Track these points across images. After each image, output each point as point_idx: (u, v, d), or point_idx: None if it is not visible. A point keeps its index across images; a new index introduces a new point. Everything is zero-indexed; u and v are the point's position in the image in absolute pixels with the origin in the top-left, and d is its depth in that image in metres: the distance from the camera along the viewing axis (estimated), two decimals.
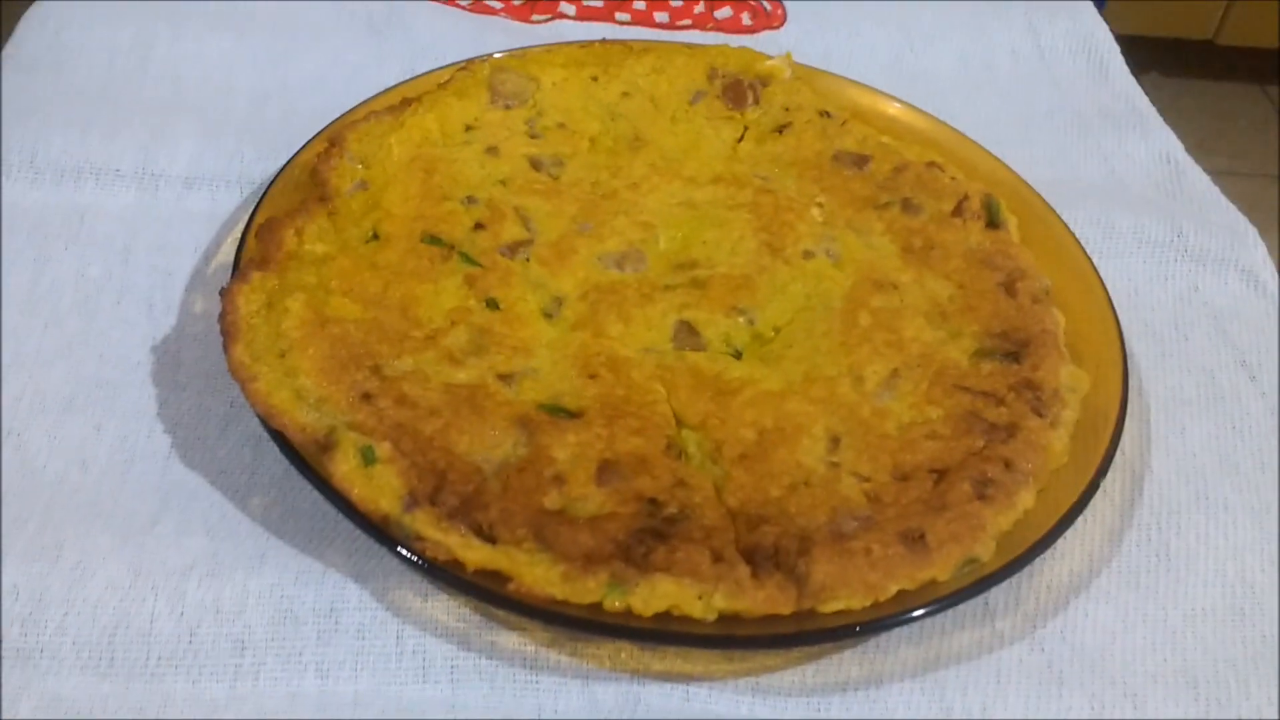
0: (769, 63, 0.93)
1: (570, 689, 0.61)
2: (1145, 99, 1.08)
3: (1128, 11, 2.35)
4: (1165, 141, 1.02)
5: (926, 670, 0.63)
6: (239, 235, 0.76)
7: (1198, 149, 1.02)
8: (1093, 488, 0.67)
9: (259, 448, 0.69)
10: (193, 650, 0.60)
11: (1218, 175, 0.99)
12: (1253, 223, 0.94)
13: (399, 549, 0.59)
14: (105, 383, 0.72)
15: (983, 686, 0.63)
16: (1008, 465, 0.66)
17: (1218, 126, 2.69)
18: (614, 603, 0.58)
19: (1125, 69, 1.11)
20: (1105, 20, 1.17)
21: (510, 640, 0.62)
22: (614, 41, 0.94)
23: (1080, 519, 0.66)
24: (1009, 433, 0.68)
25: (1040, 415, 0.69)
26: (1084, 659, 0.65)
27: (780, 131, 0.90)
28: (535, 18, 1.08)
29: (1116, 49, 1.13)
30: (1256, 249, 0.91)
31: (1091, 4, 1.18)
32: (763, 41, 1.09)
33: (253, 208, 0.77)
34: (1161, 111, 1.06)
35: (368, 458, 0.62)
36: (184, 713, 0.58)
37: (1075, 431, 0.70)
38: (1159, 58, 2.63)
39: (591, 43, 0.94)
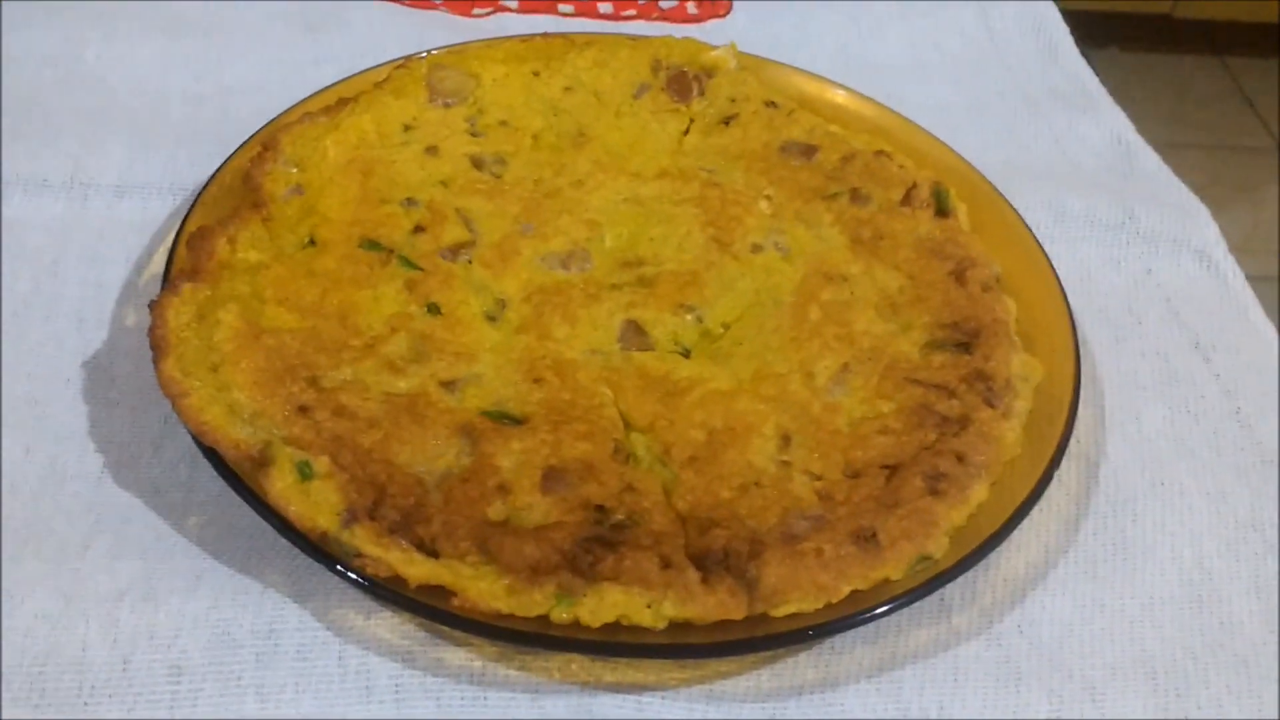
0: (714, 53, 0.92)
1: (520, 704, 0.59)
2: (1095, 80, 1.07)
3: None
4: (1116, 122, 1.01)
5: (883, 670, 0.62)
6: (171, 244, 0.73)
7: (1158, 122, 1.02)
8: (1046, 479, 0.66)
9: (195, 464, 0.67)
10: (127, 679, 0.58)
11: (1178, 148, 0.99)
12: (1213, 195, 0.94)
13: (338, 567, 0.58)
14: (34, 401, 0.70)
15: (940, 685, 0.62)
16: (960, 459, 0.65)
17: (1177, 99, 2.71)
18: (561, 614, 0.57)
19: (1075, 50, 1.10)
20: None
21: (457, 656, 0.60)
22: (555, 35, 0.92)
23: (1036, 509, 0.66)
24: (961, 425, 0.67)
25: (992, 406, 0.68)
26: (1042, 653, 0.64)
27: (726, 123, 0.89)
28: (476, 11, 1.06)
29: (1066, 30, 1.12)
30: (1209, 229, 0.91)
31: None
32: (709, 31, 1.08)
33: (183, 215, 0.75)
34: (1121, 86, 1.06)
35: (305, 473, 0.60)
36: None
37: (1029, 421, 0.69)
38: (1117, 32, 2.64)
39: (533, 37, 0.92)
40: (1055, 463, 0.66)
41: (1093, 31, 1.13)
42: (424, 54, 0.89)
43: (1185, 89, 2.77)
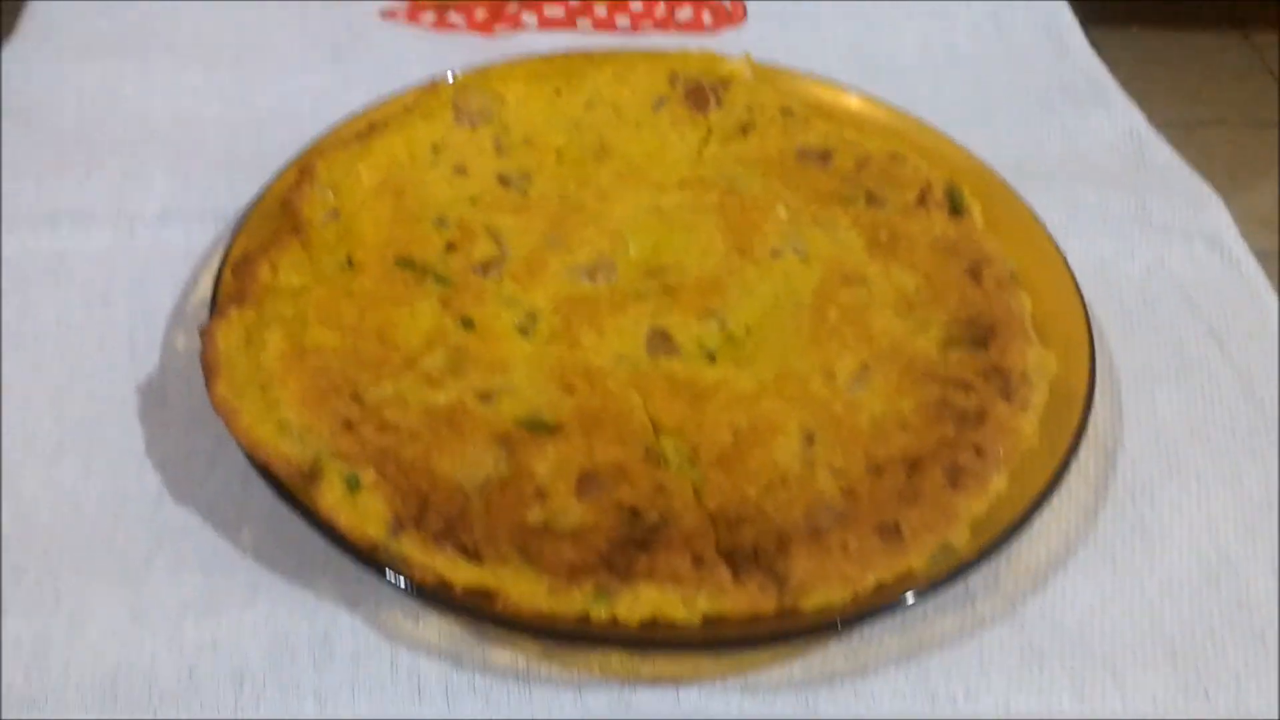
0: (729, 65, 0.94)
1: (563, 699, 0.62)
2: (1107, 74, 1.09)
3: None
4: (1128, 115, 1.03)
5: (910, 657, 0.65)
6: (216, 270, 0.77)
7: (1183, 100, 1.03)
8: (1064, 467, 0.68)
9: (247, 481, 0.70)
10: (193, 686, 0.61)
11: (1204, 126, 1.00)
12: (1241, 171, 0.95)
13: (388, 574, 0.61)
14: (93, 425, 0.74)
15: (965, 670, 0.64)
16: (978, 451, 0.67)
17: (1201, 77, 2.70)
18: (600, 612, 0.60)
19: (1086, 45, 1.12)
20: None
21: (502, 656, 0.63)
22: (575, 52, 0.95)
23: (1056, 498, 0.68)
24: (978, 419, 0.69)
25: (1008, 400, 0.70)
26: (1064, 636, 0.66)
27: (744, 132, 0.91)
28: (497, 30, 1.09)
29: (1077, 25, 1.14)
30: (1220, 216, 0.92)
31: None
32: (725, 40, 1.10)
33: (227, 242, 0.79)
34: (1143, 65, 1.07)
35: (352, 485, 0.63)
36: None
37: (1046, 413, 0.71)
38: (1139, 11, 2.63)
39: (553, 55, 0.95)
40: (1072, 452, 0.69)
41: (1113, 12, 1.14)
42: (449, 76, 0.92)
43: (1209, 66, 2.75)
